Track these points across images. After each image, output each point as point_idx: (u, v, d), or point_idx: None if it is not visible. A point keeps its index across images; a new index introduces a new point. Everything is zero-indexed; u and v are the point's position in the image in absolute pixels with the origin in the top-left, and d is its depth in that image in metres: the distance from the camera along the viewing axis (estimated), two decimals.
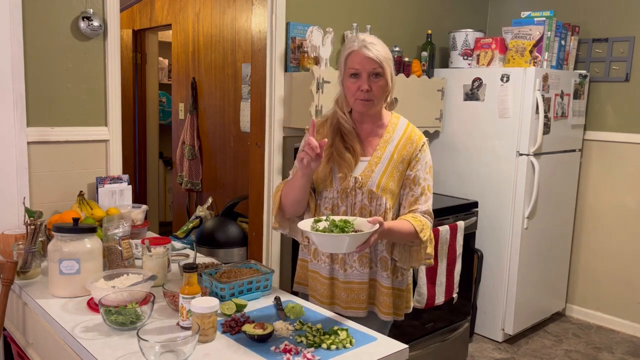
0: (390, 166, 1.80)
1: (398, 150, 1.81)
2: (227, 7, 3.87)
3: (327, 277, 1.85)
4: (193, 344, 1.33)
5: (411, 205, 1.79)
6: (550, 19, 3.37)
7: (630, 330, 3.79)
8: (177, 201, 4.76)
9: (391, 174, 1.79)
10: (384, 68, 1.72)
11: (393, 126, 1.84)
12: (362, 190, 1.79)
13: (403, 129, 1.84)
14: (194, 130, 4.25)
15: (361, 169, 1.80)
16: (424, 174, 1.80)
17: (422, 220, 1.76)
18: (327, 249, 1.66)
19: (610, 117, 3.79)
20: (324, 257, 1.85)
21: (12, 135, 2.19)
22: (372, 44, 1.72)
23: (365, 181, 1.78)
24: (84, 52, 2.35)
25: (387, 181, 1.79)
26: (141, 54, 4.95)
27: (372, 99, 1.74)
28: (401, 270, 1.88)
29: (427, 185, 1.81)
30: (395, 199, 1.82)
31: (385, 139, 1.82)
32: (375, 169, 1.79)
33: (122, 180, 2.41)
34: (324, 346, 1.43)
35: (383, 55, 1.71)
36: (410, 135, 1.83)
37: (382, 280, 1.84)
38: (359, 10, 3.29)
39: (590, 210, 3.92)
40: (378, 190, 1.78)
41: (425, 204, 1.80)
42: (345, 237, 1.53)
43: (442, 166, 3.73)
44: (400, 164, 1.80)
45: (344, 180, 1.79)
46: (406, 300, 1.93)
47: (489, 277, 3.56)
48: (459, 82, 3.59)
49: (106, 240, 1.91)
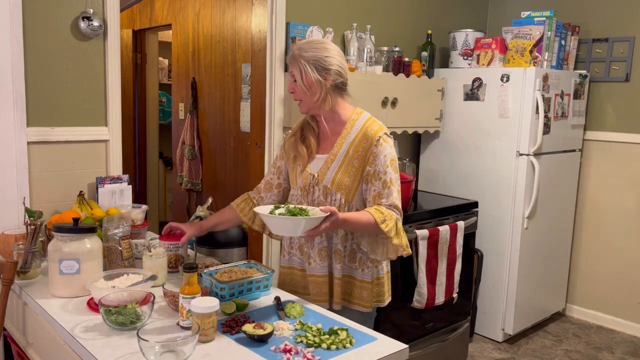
0: (345, 162, 1.85)
1: (353, 146, 1.85)
2: (227, 7, 3.87)
3: (300, 269, 1.98)
4: (193, 344, 1.33)
5: (375, 200, 1.83)
6: (550, 19, 3.37)
7: (630, 330, 3.79)
8: (177, 201, 4.76)
9: (346, 170, 1.85)
10: (295, 73, 1.83)
11: (352, 122, 1.89)
12: (319, 186, 1.87)
13: (361, 125, 1.88)
14: (194, 130, 4.25)
15: (319, 166, 1.89)
16: (383, 167, 1.82)
17: (385, 212, 1.78)
18: (279, 231, 1.71)
19: (610, 117, 3.80)
20: (294, 251, 1.97)
21: (12, 135, 2.19)
22: (298, 49, 1.83)
23: (321, 178, 1.87)
24: (84, 52, 2.35)
25: (341, 177, 1.85)
26: (141, 54, 4.95)
27: (300, 100, 1.86)
28: (366, 263, 1.92)
29: (390, 179, 1.82)
30: (351, 194, 1.86)
31: (343, 136, 1.88)
32: (331, 165, 1.86)
33: (122, 180, 2.41)
34: (324, 346, 1.43)
35: (298, 61, 1.81)
36: (366, 131, 1.86)
37: (336, 272, 1.91)
38: (359, 10, 3.29)
39: (590, 210, 3.92)
40: (332, 186, 1.85)
41: (388, 198, 1.81)
42: (296, 219, 1.59)
43: (442, 166, 3.73)
44: (355, 159, 1.85)
45: (302, 173, 1.90)
46: (377, 293, 1.97)
47: (489, 277, 3.56)
48: (459, 82, 3.59)
49: (106, 240, 1.91)
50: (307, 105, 1.87)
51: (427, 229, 2.86)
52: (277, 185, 2.05)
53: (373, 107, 3.08)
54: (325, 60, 1.81)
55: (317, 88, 1.82)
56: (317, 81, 1.81)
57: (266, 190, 2.06)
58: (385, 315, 2.80)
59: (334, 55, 1.83)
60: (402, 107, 3.26)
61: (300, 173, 1.91)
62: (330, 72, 1.82)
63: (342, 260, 1.90)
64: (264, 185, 2.07)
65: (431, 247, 2.87)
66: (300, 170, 1.92)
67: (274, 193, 2.05)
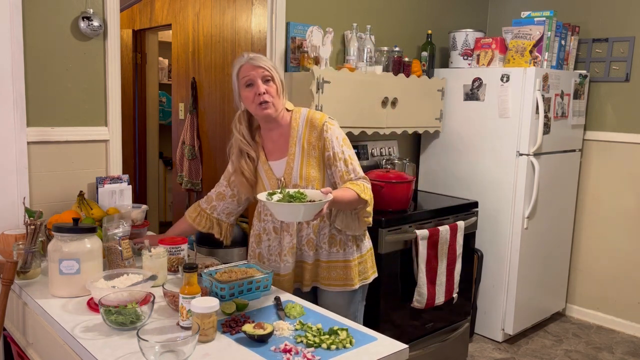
0: (305, 156, 1.96)
1: (305, 139, 1.96)
2: (227, 7, 3.87)
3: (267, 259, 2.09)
4: (193, 344, 1.33)
5: (343, 178, 1.94)
6: (550, 19, 3.37)
7: (630, 330, 3.79)
8: (177, 201, 4.76)
9: (308, 163, 1.96)
10: (272, 74, 1.90)
11: (296, 121, 1.99)
12: (289, 187, 1.94)
13: (304, 118, 1.98)
14: (194, 130, 4.25)
15: (283, 169, 1.98)
16: (339, 148, 1.95)
17: (360, 184, 1.91)
18: (285, 217, 1.76)
19: (610, 117, 3.80)
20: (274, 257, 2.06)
21: (12, 135, 2.19)
22: (257, 56, 1.91)
23: (288, 179, 1.96)
24: (84, 52, 2.35)
25: (307, 171, 1.95)
26: (141, 54, 4.95)
27: (270, 101, 1.90)
28: (347, 243, 2.04)
29: (349, 156, 1.96)
30: (321, 183, 1.98)
31: (293, 135, 1.98)
32: (293, 165, 1.96)
33: (122, 180, 2.41)
34: (324, 346, 1.43)
35: (270, 64, 1.91)
36: (311, 122, 1.97)
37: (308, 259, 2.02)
38: (359, 10, 3.30)
39: (590, 210, 3.92)
40: (302, 181, 1.95)
41: (355, 172, 1.95)
42: (301, 206, 1.64)
43: (442, 166, 3.73)
44: (312, 150, 1.96)
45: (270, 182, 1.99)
46: (361, 271, 2.09)
47: (489, 277, 3.56)
48: (459, 82, 3.59)
49: (106, 240, 1.91)
50: (276, 107, 1.93)
51: (427, 229, 2.86)
52: (230, 196, 2.14)
53: (373, 107, 3.08)
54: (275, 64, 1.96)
55: (285, 89, 1.96)
56: (282, 82, 1.94)
57: (218, 200, 2.14)
58: (386, 315, 2.80)
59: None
60: (402, 107, 3.26)
61: (268, 183, 2.00)
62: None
63: (314, 247, 2.01)
64: (216, 196, 2.15)
65: (431, 247, 2.87)
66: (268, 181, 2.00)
67: (227, 202, 2.14)
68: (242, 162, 2.02)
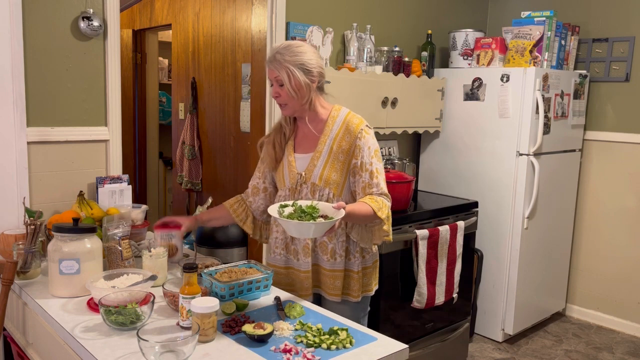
0: (330, 158, 1.90)
1: (337, 142, 1.90)
2: (227, 7, 3.87)
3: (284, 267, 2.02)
4: (193, 344, 1.33)
5: (365, 190, 1.88)
6: (550, 19, 3.37)
7: (630, 330, 3.79)
8: (177, 201, 4.76)
9: (332, 166, 1.90)
10: (283, 78, 1.82)
11: (332, 120, 1.94)
12: (307, 184, 1.92)
13: (342, 120, 1.93)
14: (194, 130, 4.25)
15: (305, 165, 1.93)
16: (369, 159, 1.89)
17: (378, 200, 1.83)
18: (295, 234, 1.72)
19: (610, 117, 3.80)
20: (278, 250, 2.02)
21: (12, 135, 2.19)
22: (278, 53, 1.83)
23: (309, 176, 1.92)
24: (84, 52, 2.35)
25: (329, 173, 1.90)
26: (141, 54, 4.95)
27: (285, 103, 1.87)
28: (354, 254, 1.97)
29: (376, 169, 1.89)
30: (340, 188, 1.92)
31: (325, 133, 1.92)
32: (317, 163, 1.91)
33: (122, 180, 2.41)
34: (324, 346, 1.43)
35: (284, 65, 1.81)
36: (347, 125, 1.91)
37: (324, 264, 1.96)
38: (359, 10, 3.29)
39: (590, 210, 3.92)
40: (320, 182, 1.90)
41: (378, 187, 1.88)
42: (312, 224, 1.60)
43: (442, 166, 3.73)
44: (340, 154, 1.90)
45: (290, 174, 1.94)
46: (365, 283, 2.03)
47: (489, 277, 3.56)
48: (459, 82, 3.59)
49: (106, 240, 1.91)
50: (292, 109, 1.90)
51: (427, 229, 2.86)
52: (263, 190, 2.09)
53: (373, 107, 3.08)
54: (309, 62, 1.85)
55: (306, 91, 1.86)
56: (305, 84, 1.85)
57: (253, 195, 2.10)
58: (385, 315, 2.80)
59: (313, 57, 1.87)
60: (402, 107, 3.26)
61: (288, 174, 1.95)
62: (314, 74, 1.86)
63: (327, 252, 1.95)
64: (251, 190, 2.12)
65: (431, 247, 2.87)
66: (288, 172, 1.96)
67: (260, 197, 2.09)
68: (278, 135, 1.99)
